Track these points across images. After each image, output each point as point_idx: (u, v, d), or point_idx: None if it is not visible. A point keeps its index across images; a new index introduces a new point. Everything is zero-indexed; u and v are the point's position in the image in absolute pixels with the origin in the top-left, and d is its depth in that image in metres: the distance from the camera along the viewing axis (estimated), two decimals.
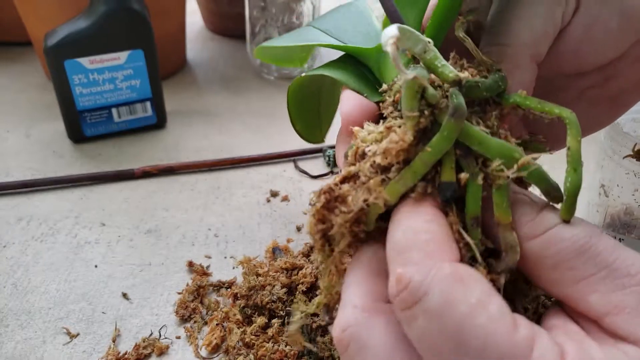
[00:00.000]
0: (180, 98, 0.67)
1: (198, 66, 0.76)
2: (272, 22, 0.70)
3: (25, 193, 0.49)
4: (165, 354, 0.35)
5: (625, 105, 0.28)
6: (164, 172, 0.53)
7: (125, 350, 0.35)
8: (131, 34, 0.53)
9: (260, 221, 0.47)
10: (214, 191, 0.51)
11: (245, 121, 0.63)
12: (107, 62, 0.54)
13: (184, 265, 0.42)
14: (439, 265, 0.18)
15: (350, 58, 0.27)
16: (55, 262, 0.42)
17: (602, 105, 0.28)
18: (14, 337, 0.35)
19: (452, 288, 0.17)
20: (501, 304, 0.18)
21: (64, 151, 0.56)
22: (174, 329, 0.37)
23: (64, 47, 0.51)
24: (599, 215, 0.37)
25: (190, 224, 0.47)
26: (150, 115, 0.59)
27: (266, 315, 0.36)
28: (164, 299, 0.39)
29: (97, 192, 0.50)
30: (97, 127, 0.57)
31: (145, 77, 0.56)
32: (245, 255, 0.42)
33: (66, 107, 0.54)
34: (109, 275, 0.41)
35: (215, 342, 0.35)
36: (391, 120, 0.22)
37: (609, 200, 0.36)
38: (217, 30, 0.88)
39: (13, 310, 0.37)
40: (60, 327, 0.36)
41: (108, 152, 0.56)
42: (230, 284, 0.40)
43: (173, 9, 0.68)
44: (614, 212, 0.35)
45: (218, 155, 0.56)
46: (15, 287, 0.39)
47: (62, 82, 0.53)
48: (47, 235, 0.44)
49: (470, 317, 0.17)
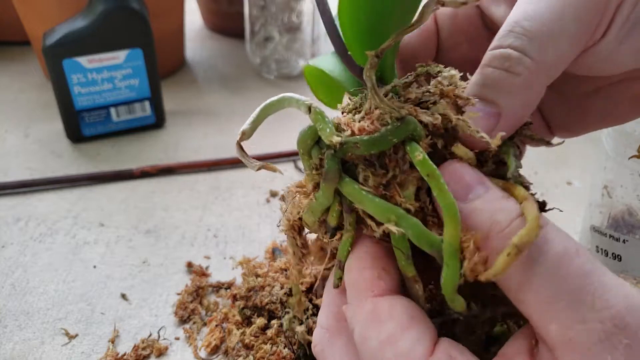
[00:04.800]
0: (180, 97, 0.67)
1: (197, 65, 0.76)
2: (271, 21, 0.70)
3: (23, 193, 0.49)
4: (164, 355, 0.35)
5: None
6: (163, 172, 0.53)
7: (124, 352, 0.34)
8: (130, 33, 0.53)
9: (260, 221, 0.47)
10: (213, 191, 0.51)
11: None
12: (105, 62, 0.53)
13: (183, 266, 0.42)
14: (362, 304, 0.21)
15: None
16: (53, 263, 0.41)
17: (624, 102, 0.26)
18: (13, 337, 0.35)
19: (367, 326, 0.20)
20: (416, 337, 0.19)
21: (62, 151, 0.55)
22: (173, 330, 0.37)
23: (63, 47, 0.51)
24: (601, 216, 0.36)
25: (189, 224, 0.46)
26: (149, 114, 0.59)
27: (265, 316, 0.36)
28: (163, 299, 0.39)
29: (95, 192, 0.50)
30: (95, 126, 0.56)
31: (144, 76, 0.56)
32: (245, 256, 0.42)
33: (65, 107, 0.54)
34: (107, 275, 0.41)
35: (215, 343, 0.35)
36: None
37: (612, 201, 0.35)
38: (217, 29, 0.88)
39: (11, 311, 0.37)
40: (58, 328, 0.36)
41: (107, 152, 0.56)
42: (229, 284, 0.40)
43: (172, 8, 0.68)
44: (617, 212, 0.35)
45: (217, 155, 0.56)
46: (14, 288, 0.39)
47: (60, 81, 0.52)
48: (46, 235, 0.44)
49: (380, 351, 0.19)
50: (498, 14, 0.25)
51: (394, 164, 0.21)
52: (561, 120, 0.29)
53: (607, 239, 0.36)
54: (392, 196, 0.21)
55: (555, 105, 0.28)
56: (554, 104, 0.28)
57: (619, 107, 0.26)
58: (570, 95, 0.27)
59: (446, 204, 0.19)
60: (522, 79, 0.20)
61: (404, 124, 0.21)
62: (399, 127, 0.21)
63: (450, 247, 0.19)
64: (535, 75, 0.21)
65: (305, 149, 0.23)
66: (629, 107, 0.26)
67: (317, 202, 0.23)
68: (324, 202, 0.23)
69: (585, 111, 0.27)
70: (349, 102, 0.24)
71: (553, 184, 0.53)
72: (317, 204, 0.23)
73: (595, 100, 0.27)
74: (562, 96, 0.28)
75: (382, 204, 0.21)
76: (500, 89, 0.21)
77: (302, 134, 0.23)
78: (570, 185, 0.54)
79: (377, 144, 0.21)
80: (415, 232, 0.20)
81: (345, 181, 0.22)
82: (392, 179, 0.21)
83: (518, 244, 0.18)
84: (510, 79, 0.21)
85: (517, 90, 0.21)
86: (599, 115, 0.27)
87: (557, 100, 0.28)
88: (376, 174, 0.21)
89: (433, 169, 0.20)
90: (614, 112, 0.27)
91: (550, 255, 0.18)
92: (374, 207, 0.21)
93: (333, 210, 0.23)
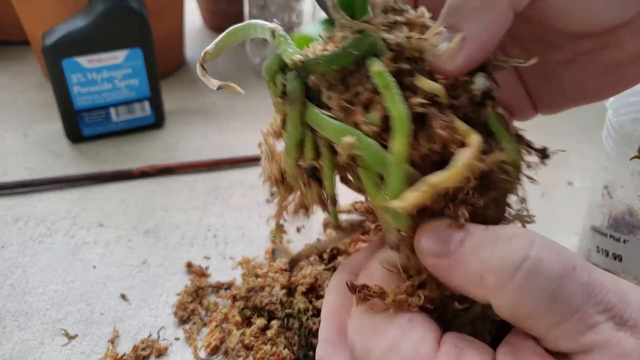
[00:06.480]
0: (179, 97, 0.67)
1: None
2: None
3: (23, 193, 0.49)
4: (164, 356, 0.35)
5: (625, 78, 0.26)
6: (163, 172, 0.53)
7: (123, 352, 0.34)
8: (129, 32, 0.53)
9: (260, 222, 0.47)
10: (213, 191, 0.51)
11: (245, 120, 0.63)
12: (105, 62, 0.53)
13: (183, 266, 0.42)
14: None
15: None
16: (53, 263, 0.41)
17: (601, 75, 0.26)
18: (12, 338, 0.35)
19: (368, 338, 0.20)
20: (418, 337, 0.19)
21: (62, 151, 0.55)
22: (172, 330, 0.36)
23: (62, 46, 0.51)
24: (602, 216, 0.36)
25: (189, 224, 0.46)
26: (148, 114, 0.58)
27: (265, 317, 0.36)
28: (163, 300, 0.39)
29: (95, 192, 0.50)
30: (95, 126, 0.56)
31: (144, 76, 0.56)
32: (245, 256, 0.42)
33: (64, 107, 0.54)
34: (107, 276, 0.40)
35: (215, 344, 0.35)
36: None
37: (613, 201, 0.35)
38: (217, 28, 0.88)
39: (11, 312, 0.37)
40: (58, 329, 0.36)
41: (106, 152, 0.56)
42: (229, 285, 0.40)
43: (172, 8, 0.68)
44: (617, 213, 0.35)
45: (217, 155, 0.56)
46: (13, 288, 0.39)
47: (60, 81, 0.52)
48: (45, 235, 0.44)
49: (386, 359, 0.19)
50: None
51: (356, 81, 0.21)
52: (541, 92, 0.29)
53: (607, 239, 0.36)
54: (352, 113, 0.20)
55: (533, 75, 0.28)
56: (531, 73, 0.28)
57: (596, 79, 0.26)
58: (547, 64, 0.27)
59: (398, 114, 0.19)
60: (480, 1, 0.21)
61: (364, 36, 0.20)
62: (358, 40, 0.20)
63: (397, 156, 0.18)
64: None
65: (271, 75, 0.23)
66: (606, 79, 0.26)
67: (288, 135, 0.22)
68: (294, 132, 0.22)
69: (562, 82, 0.27)
70: (317, 40, 0.23)
71: (553, 184, 0.53)
72: (289, 137, 0.22)
73: (572, 70, 0.27)
74: (539, 65, 0.27)
75: (339, 125, 0.20)
76: (461, 14, 0.21)
77: (268, 61, 0.23)
78: (570, 186, 0.54)
79: (337, 58, 0.21)
80: (370, 152, 0.19)
81: (308, 107, 0.21)
82: (354, 96, 0.21)
83: (433, 182, 0.18)
84: (470, 3, 0.21)
85: (477, 12, 0.21)
86: (577, 87, 0.27)
87: (535, 69, 0.27)
88: (338, 90, 0.21)
89: (388, 81, 0.19)
90: (591, 84, 0.27)
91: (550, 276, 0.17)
92: (331, 129, 0.20)
93: (307, 142, 0.22)
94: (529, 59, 0.26)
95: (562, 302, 0.17)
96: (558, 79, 0.28)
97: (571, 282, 0.17)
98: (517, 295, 0.17)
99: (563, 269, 0.17)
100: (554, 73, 0.27)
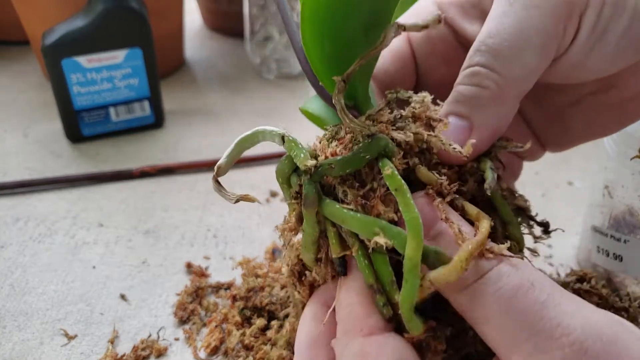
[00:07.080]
0: (179, 97, 0.67)
1: (197, 65, 0.76)
2: (271, 20, 0.70)
3: (22, 193, 0.49)
4: (164, 356, 0.35)
5: (631, 114, 0.26)
6: (163, 172, 0.52)
7: (123, 352, 0.34)
8: (129, 32, 0.53)
9: (260, 222, 0.47)
10: (213, 191, 0.50)
11: (245, 120, 0.63)
12: (105, 61, 0.53)
13: (183, 267, 0.42)
14: (351, 343, 0.20)
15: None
16: (53, 263, 0.41)
17: (606, 112, 0.27)
18: (12, 338, 0.35)
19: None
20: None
21: (61, 151, 0.55)
22: (172, 330, 0.36)
23: (62, 46, 0.51)
24: (602, 216, 0.36)
25: (189, 224, 0.46)
26: (148, 114, 0.58)
27: (265, 317, 0.36)
28: (163, 300, 0.39)
29: (95, 192, 0.50)
30: (95, 126, 0.56)
31: (144, 76, 0.56)
32: (245, 256, 0.42)
33: (64, 107, 0.54)
34: (107, 276, 0.40)
35: (214, 344, 0.35)
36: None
37: (614, 201, 0.35)
38: (216, 28, 0.88)
39: (10, 312, 0.37)
40: (58, 329, 0.36)
41: (106, 151, 0.56)
42: (229, 285, 0.40)
43: (172, 7, 0.68)
44: (618, 213, 0.35)
45: (217, 154, 0.55)
46: (13, 288, 0.39)
47: (59, 81, 0.52)
48: (45, 235, 0.44)
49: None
50: (472, 32, 0.25)
51: (371, 178, 0.21)
52: (548, 134, 0.29)
53: (608, 239, 0.36)
54: (373, 206, 0.21)
55: (540, 118, 0.29)
56: (539, 117, 0.29)
57: (601, 117, 0.27)
58: (553, 107, 0.28)
59: (410, 218, 0.19)
60: (490, 92, 0.22)
61: (375, 140, 0.21)
62: (370, 144, 0.21)
63: (410, 262, 0.19)
64: (504, 88, 0.22)
65: (284, 178, 0.23)
66: (611, 116, 0.27)
67: (305, 234, 0.23)
68: (310, 231, 0.23)
69: (569, 123, 0.28)
70: (326, 132, 0.24)
71: (554, 184, 0.53)
72: (306, 235, 0.23)
73: (578, 110, 0.27)
74: (546, 109, 0.28)
75: (364, 218, 0.21)
76: (471, 103, 0.22)
77: (280, 164, 0.23)
78: (571, 186, 0.53)
79: (350, 162, 0.21)
80: (400, 240, 0.20)
81: (326, 203, 0.22)
82: (370, 190, 0.21)
83: (432, 279, 0.18)
84: (480, 93, 0.22)
85: (487, 103, 0.22)
86: (583, 126, 0.28)
87: (542, 113, 0.28)
88: (353, 186, 0.22)
89: (401, 183, 0.20)
90: (597, 122, 0.27)
91: (505, 290, 0.18)
92: (356, 222, 0.21)
93: (332, 237, 0.22)
94: (535, 103, 0.27)
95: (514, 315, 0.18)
96: (564, 120, 0.28)
97: (527, 298, 0.18)
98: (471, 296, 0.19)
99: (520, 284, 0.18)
100: (560, 115, 0.28)
